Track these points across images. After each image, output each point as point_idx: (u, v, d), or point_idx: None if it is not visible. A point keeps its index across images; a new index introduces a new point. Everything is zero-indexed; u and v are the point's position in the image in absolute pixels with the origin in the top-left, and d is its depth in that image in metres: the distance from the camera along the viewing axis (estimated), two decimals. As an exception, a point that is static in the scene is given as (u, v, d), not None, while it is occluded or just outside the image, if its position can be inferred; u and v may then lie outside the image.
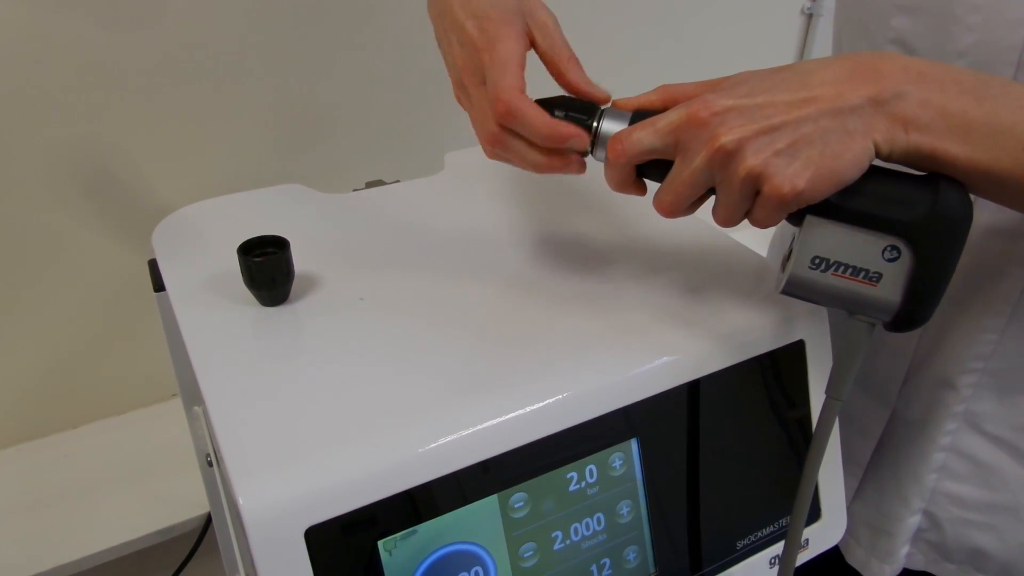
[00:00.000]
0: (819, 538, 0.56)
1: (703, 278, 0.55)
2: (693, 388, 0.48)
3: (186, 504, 0.88)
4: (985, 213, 0.52)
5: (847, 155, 0.40)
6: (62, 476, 0.92)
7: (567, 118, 0.46)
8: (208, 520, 0.88)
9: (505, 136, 0.46)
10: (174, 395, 1.03)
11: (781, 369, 0.52)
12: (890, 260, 0.42)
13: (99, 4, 0.80)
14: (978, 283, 0.54)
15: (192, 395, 0.65)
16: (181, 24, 0.85)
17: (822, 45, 1.42)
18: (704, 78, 0.45)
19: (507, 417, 0.43)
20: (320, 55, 0.95)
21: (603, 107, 0.47)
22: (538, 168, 0.47)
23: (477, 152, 0.75)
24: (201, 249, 0.58)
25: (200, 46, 0.87)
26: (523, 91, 0.45)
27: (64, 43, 0.80)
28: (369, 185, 0.70)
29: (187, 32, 0.86)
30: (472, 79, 0.47)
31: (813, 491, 0.48)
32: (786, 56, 1.44)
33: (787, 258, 0.46)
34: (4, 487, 0.90)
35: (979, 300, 0.55)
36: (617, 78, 0.90)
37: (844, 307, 0.45)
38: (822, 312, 0.53)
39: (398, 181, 0.71)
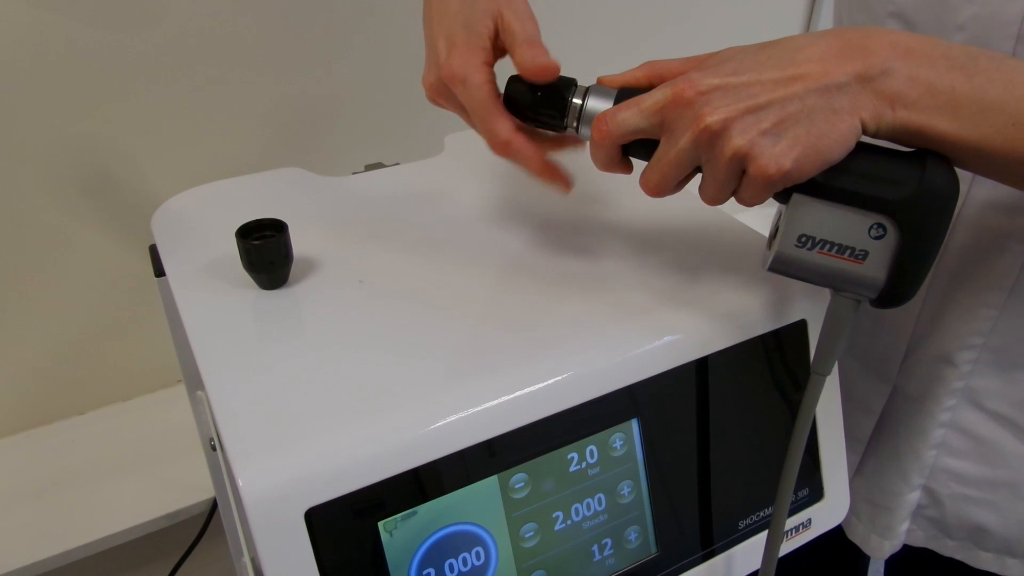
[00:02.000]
0: (822, 518, 0.56)
1: (704, 258, 0.55)
2: (694, 368, 0.48)
3: (192, 489, 0.89)
4: (983, 188, 0.52)
5: (833, 134, 0.39)
6: (69, 462, 0.92)
7: (544, 98, 0.47)
8: (214, 504, 0.88)
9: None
10: (179, 381, 1.04)
11: (783, 349, 0.52)
12: (876, 238, 0.42)
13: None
14: (977, 259, 0.54)
15: (195, 380, 0.65)
16: (177, 11, 0.85)
17: (827, 26, 1.40)
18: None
19: (507, 398, 0.43)
20: (319, 39, 0.94)
21: (588, 85, 0.46)
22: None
23: (476, 134, 0.74)
24: (200, 233, 0.58)
25: (197, 32, 0.87)
26: (513, 128, 0.47)
27: (62, 34, 0.80)
28: (369, 168, 0.70)
29: (184, 19, 0.85)
30: (448, 103, 0.50)
31: (799, 465, 0.48)
32: (791, 28, 1.42)
33: (773, 236, 0.46)
34: (12, 473, 0.91)
35: (978, 276, 0.54)
36: (617, 57, 0.89)
37: (830, 284, 0.45)
38: (824, 291, 0.53)
39: (398, 163, 0.70)
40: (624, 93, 0.45)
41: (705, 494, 0.50)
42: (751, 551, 0.53)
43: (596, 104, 0.46)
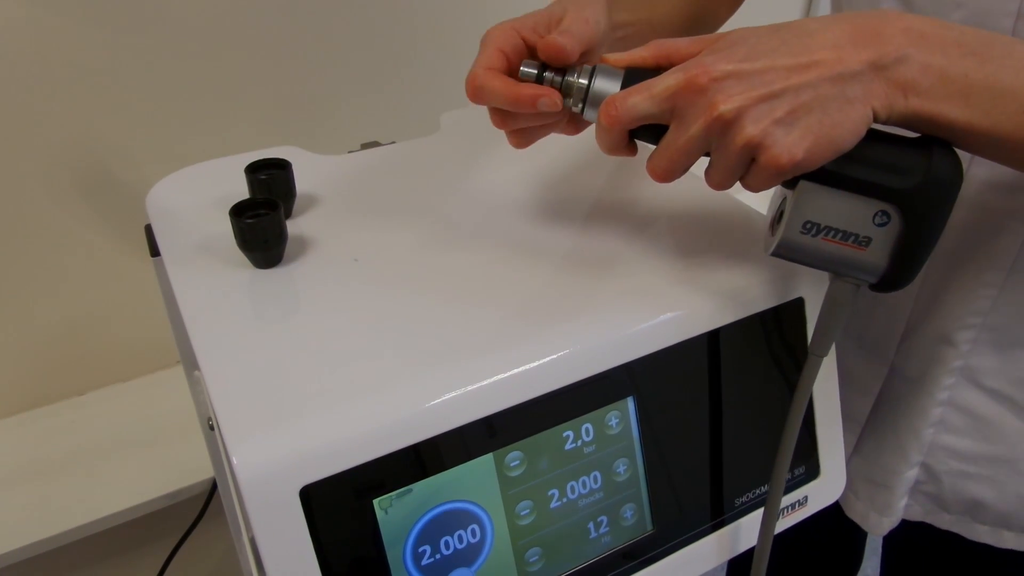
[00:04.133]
0: (818, 495, 0.56)
1: (702, 236, 0.54)
2: (690, 346, 0.48)
3: (192, 469, 0.89)
4: (983, 168, 0.52)
5: (846, 123, 0.39)
6: (70, 442, 0.93)
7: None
8: (214, 484, 0.89)
9: (495, 114, 0.47)
10: (178, 362, 1.04)
11: (780, 326, 0.52)
12: (880, 225, 0.42)
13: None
14: (976, 239, 0.54)
15: (192, 360, 0.65)
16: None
17: (825, 7, 1.39)
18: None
19: (502, 376, 0.43)
20: (315, 16, 0.93)
21: (594, 64, 0.46)
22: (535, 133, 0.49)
23: (473, 112, 0.74)
24: (195, 212, 0.58)
25: (193, 15, 0.86)
26: (490, 67, 0.45)
27: (57, 26, 0.80)
28: (365, 146, 0.69)
29: (181, 1, 0.85)
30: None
31: (794, 445, 0.48)
32: (792, 13, 1.41)
33: (776, 221, 0.45)
34: (13, 453, 0.91)
35: (977, 256, 0.54)
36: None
37: (831, 269, 0.45)
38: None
39: (394, 142, 0.70)
40: (631, 73, 0.44)
41: (701, 472, 0.50)
42: (747, 528, 0.53)
43: (603, 85, 0.44)
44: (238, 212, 0.50)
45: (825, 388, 0.55)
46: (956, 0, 0.49)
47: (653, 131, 0.43)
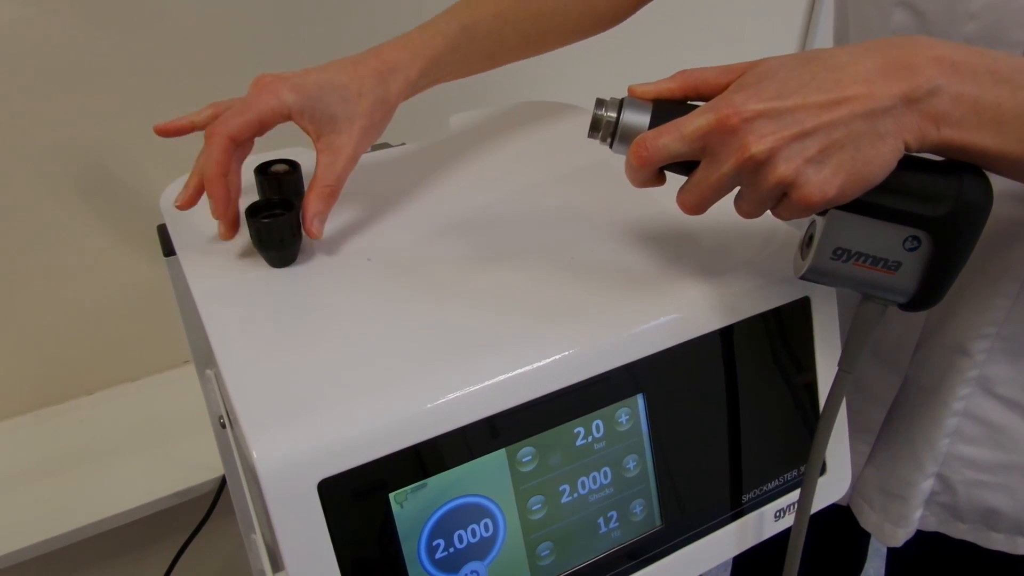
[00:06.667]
0: (824, 492, 0.56)
1: (711, 236, 0.55)
2: (699, 344, 0.49)
3: (201, 467, 0.90)
4: (996, 180, 0.52)
5: (877, 160, 0.39)
6: (79, 441, 0.93)
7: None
8: (223, 482, 0.89)
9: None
10: (187, 361, 1.04)
11: (787, 326, 0.52)
12: (910, 250, 0.42)
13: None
14: (991, 249, 0.54)
15: (205, 358, 0.66)
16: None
17: (829, 14, 1.39)
18: (707, 40, 0.44)
19: (515, 373, 0.43)
20: (324, 17, 0.94)
21: (621, 97, 0.45)
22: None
23: (482, 115, 0.75)
24: (209, 213, 0.59)
25: (195, 20, 0.87)
26: (220, 162, 0.51)
27: (60, 32, 0.80)
28: (375, 148, 0.70)
29: (183, 5, 0.85)
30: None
31: (823, 458, 0.49)
32: (794, 14, 1.41)
33: (806, 244, 0.46)
34: (23, 452, 0.92)
35: (992, 266, 0.55)
36: (620, 50, 0.89)
37: (861, 291, 0.45)
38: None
39: (404, 144, 0.71)
40: (660, 107, 0.44)
41: (709, 468, 0.51)
42: (755, 524, 0.54)
43: (632, 118, 0.44)
44: (253, 212, 0.51)
45: (831, 387, 0.55)
46: (970, 12, 0.49)
47: (683, 165, 0.43)
